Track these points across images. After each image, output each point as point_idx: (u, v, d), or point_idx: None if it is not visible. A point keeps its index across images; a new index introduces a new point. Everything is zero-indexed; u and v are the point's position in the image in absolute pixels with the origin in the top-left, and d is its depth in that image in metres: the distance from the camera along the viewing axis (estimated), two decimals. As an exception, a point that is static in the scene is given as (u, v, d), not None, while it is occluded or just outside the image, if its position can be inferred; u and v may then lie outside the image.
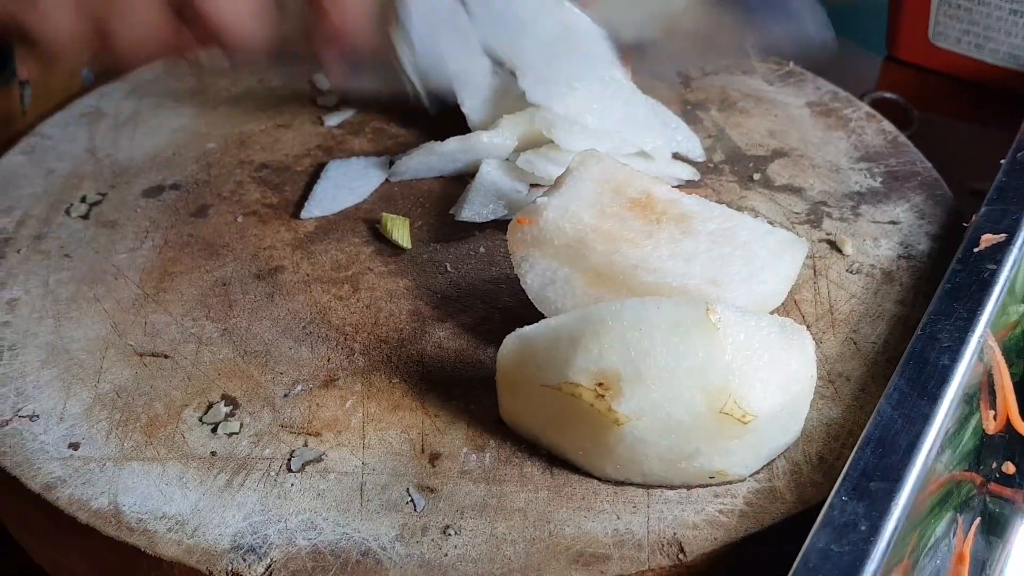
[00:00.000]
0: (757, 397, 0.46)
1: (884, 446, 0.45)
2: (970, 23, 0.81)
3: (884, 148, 0.70)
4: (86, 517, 0.48)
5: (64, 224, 0.65)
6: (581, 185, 0.55)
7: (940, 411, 0.46)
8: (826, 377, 0.54)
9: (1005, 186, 0.59)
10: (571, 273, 0.53)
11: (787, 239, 0.56)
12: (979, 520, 0.50)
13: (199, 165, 0.70)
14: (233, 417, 0.53)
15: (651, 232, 0.54)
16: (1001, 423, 0.52)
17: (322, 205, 0.65)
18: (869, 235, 0.63)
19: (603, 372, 0.46)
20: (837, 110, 0.74)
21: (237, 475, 0.50)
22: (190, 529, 0.47)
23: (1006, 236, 0.55)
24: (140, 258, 0.62)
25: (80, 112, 0.75)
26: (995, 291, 0.52)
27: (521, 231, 0.54)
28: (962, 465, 0.49)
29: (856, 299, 0.58)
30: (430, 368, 0.55)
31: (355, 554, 0.46)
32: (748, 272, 0.53)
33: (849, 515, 0.42)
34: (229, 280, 0.61)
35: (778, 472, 0.49)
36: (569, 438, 0.49)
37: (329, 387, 0.54)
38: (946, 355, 0.49)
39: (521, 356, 0.49)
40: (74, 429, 0.52)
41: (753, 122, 0.73)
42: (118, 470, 0.50)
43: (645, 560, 0.46)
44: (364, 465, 0.50)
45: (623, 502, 0.48)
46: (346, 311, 0.58)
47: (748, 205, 0.65)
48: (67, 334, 0.57)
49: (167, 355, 0.56)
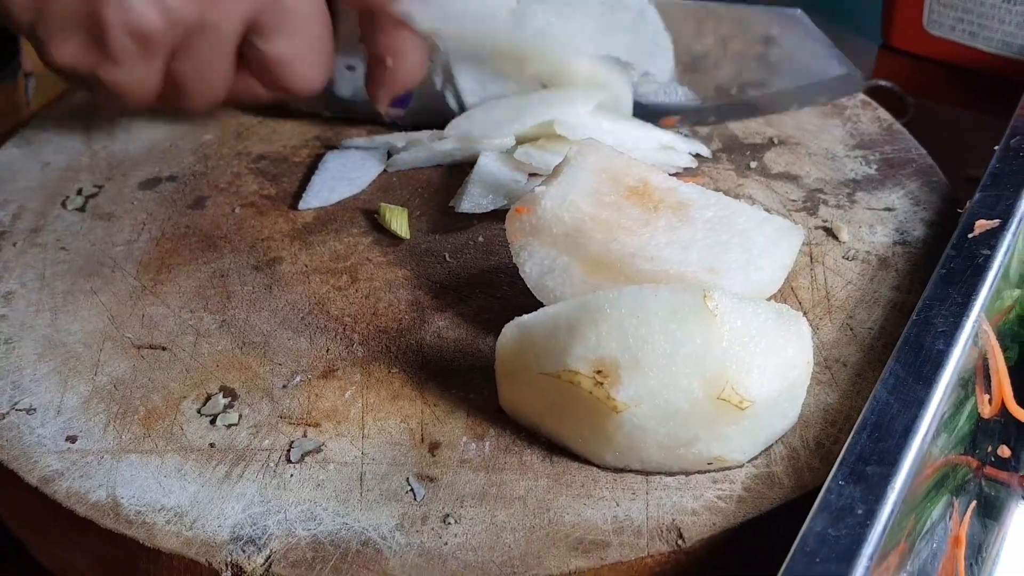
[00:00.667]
0: (754, 383, 0.46)
1: (880, 431, 0.45)
2: (964, 11, 0.81)
3: (879, 136, 0.70)
4: (84, 510, 0.48)
5: (60, 217, 0.65)
6: (579, 174, 0.55)
7: (935, 396, 0.46)
8: (823, 363, 0.54)
9: (999, 172, 0.59)
10: (569, 261, 0.53)
11: (784, 226, 0.56)
12: (975, 503, 0.50)
13: (196, 157, 0.70)
14: (232, 408, 0.53)
15: (648, 220, 0.54)
16: (996, 407, 0.52)
17: (320, 196, 0.65)
18: (865, 222, 0.63)
19: (601, 360, 0.46)
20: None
21: (236, 466, 0.50)
22: (189, 521, 0.48)
23: (1000, 222, 0.55)
24: (137, 250, 0.62)
25: (76, 105, 0.75)
26: (989, 276, 0.52)
27: (519, 220, 0.54)
28: (958, 449, 0.49)
29: (852, 285, 0.59)
30: (429, 358, 0.55)
31: (355, 544, 0.46)
32: (745, 259, 0.53)
33: (846, 499, 0.42)
34: (227, 272, 0.61)
35: (776, 458, 0.49)
36: (568, 426, 0.49)
37: (328, 377, 0.54)
38: (941, 340, 0.49)
39: (520, 345, 0.49)
40: (71, 422, 0.52)
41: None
42: (116, 463, 0.50)
43: (644, 546, 0.46)
44: (363, 455, 0.50)
45: (622, 489, 0.48)
46: (345, 301, 0.59)
47: (745, 193, 0.65)
48: (64, 327, 0.57)
49: (165, 347, 0.56)
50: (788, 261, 0.56)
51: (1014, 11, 0.78)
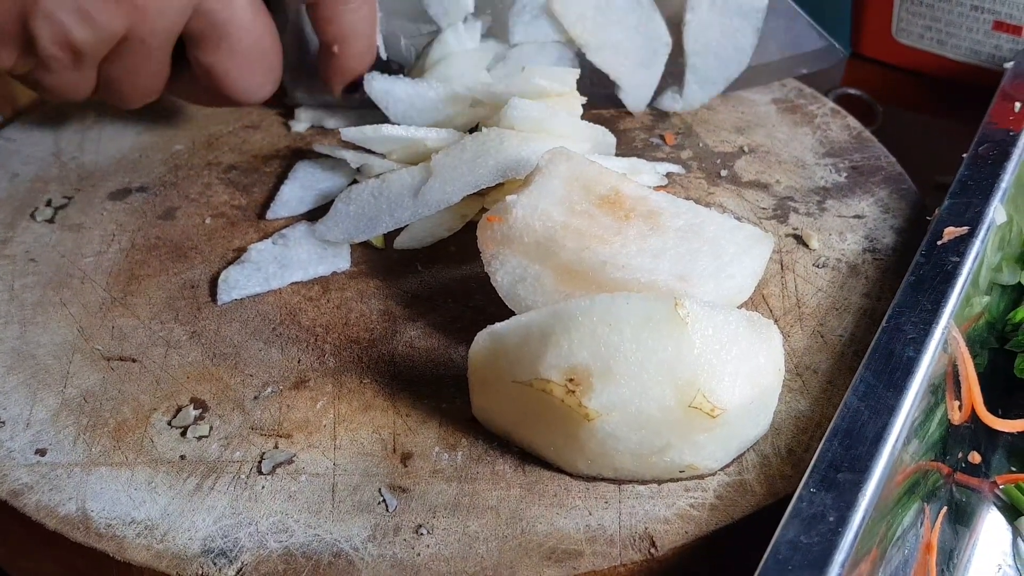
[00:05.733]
0: (726, 391, 0.46)
1: (851, 437, 0.45)
2: (932, 19, 0.82)
3: (849, 143, 0.71)
4: (54, 523, 0.48)
5: (29, 228, 0.65)
6: (550, 183, 0.55)
7: (906, 402, 0.47)
8: (794, 370, 0.54)
9: (968, 180, 0.60)
10: (541, 270, 0.53)
11: (754, 234, 0.56)
12: (946, 509, 0.50)
13: (166, 167, 0.69)
14: (202, 420, 0.52)
15: (620, 229, 0.54)
16: (967, 413, 0.53)
17: (289, 206, 0.65)
18: (835, 229, 0.63)
19: (573, 368, 0.46)
20: (802, 106, 0.74)
21: (207, 479, 0.50)
22: (159, 534, 0.47)
23: (968, 229, 0.56)
24: (107, 261, 0.62)
25: (45, 115, 0.74)
26: (958, 283, 0.53)
27: (491, 229, 0.54)
28: (929, 455, 0.49)
29: (823, 293, 0.59)
30: (401, 368, 0.55)
31: (327, 556, 0.46)
32: (715, 267, 0.54)
33: (818, 506, 0.42)
34: (198, 282, 0.60)
35: (748, 465, 0.50)
36: (541, 434, 0.49)
37: (300, 388, 0.54)
38: (911, 347, 0.49)
39: (493, 353, 0.49)
40: (41, 435, 0.52)
41: (720, 119, 0.73)
42: (86, 476, 0.50)
43: (617, 555, 0.46)
44: (335, 466, 0.50)
45: (595, 498, 0.48)
46: (316, 312, 0.58)
47: (716, 201, 0.65)
48: (33, 339, 0.57)
49: (135, 359, 0.56)
50: (758, 269, 0.56)
51: (982, 19, 0.79)
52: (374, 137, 0.64)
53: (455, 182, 0.59)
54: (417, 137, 0.63)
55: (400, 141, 0.64)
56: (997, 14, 0.78)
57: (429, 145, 0.63)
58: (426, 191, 0.60)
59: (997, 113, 0.65)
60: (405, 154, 0.64)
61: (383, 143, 0.64)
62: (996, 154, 0.61)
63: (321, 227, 0.62)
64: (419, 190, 0.60)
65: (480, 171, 0.59)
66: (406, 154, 0.64)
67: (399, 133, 0.64)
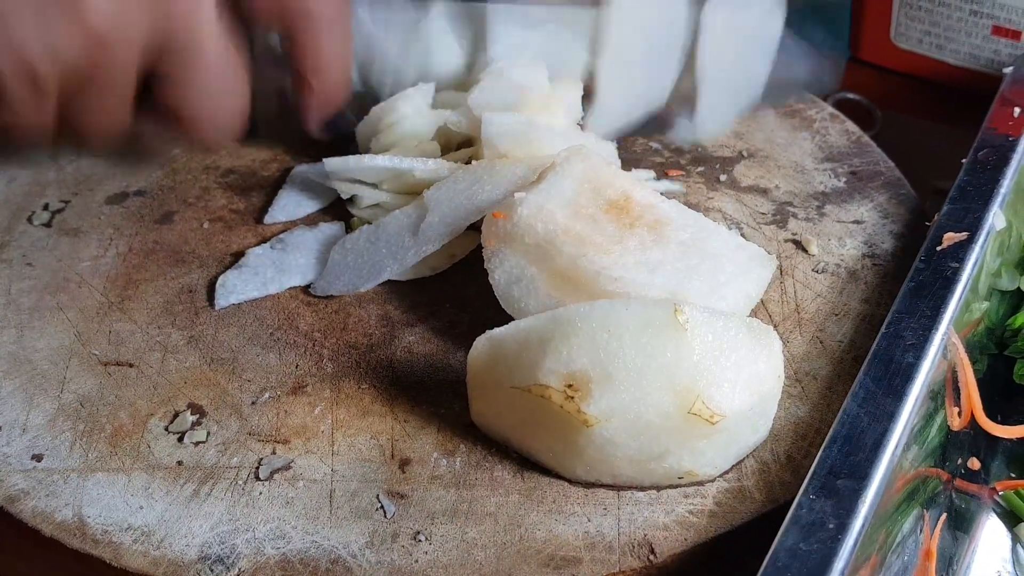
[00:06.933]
0: (725, 397, 0.46)
1: (851, 444, 0.45)
2: (931, 24, 0.81)
3: (848, 148, 0.71)
4: (50, 530, 0.48)
5: (26, 232, 0.64)
6: (561, 182, 0.55)
7: (905, 408, 0.47)
8: (793, 376, 0.54)
9: (967, 185, 0.60)
10: (537, 273, 0.53)
11: (757, 255, 0.56)
12: (945, 516, 0.50)
13: (164, 171, 0.69)
14: (200, 426, 0.52)
15: (621, 237, 0.54)
16: (966, 419, 0.53)
17: (286, 211, 0.65)
18: (834, 235, 0.63)
19: (572, 374, 0.46)
20: (802, 111, 0.74)
21: (204, 484, 0.49)
22: (156, 540, 0.47)
23: (968, 235, 0.56)
24: (104, 266, 0.62)
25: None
26: (958, 289, 0.53)
27: (496, 225, 0.54)
28: (928, 462, 0.49)
29: (822, 298, 0.59)
30: (400, 373, 0.55)
31: (324, 562, 0.46)
32: (709, 288, 0.53)
33: (817, 513, 0.42)
34: (195, 287, 0.60)
35: (747, 471, 0.49)
36: (539, 440, 0.49)
37: (297, 394, 0.54)
38: (911, 353, 0.49)
39: (491, 358, 0.49)
40: (37, 440, 0.52)
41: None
42: (82, 481, 0.50)
43: (616, 562, 0.46)
44: (333, 472, 0.50)
45: (593, 504, 0.48)
46: (314, 317, 0.58)
47: (715, 206, 0.65)
48: (29, 344, 0.57)
49: (132, 364, 0.55)
50: (755, 293, 0.55)
51: (980, 24, 0.79)
52: (357, 167, 0.62)
53: (454, 213, 0.58)
54: (403, 168, 0.62)
55: (386, 172, 0.62)
56: (996, 19, 0.78)
57: (417, 176, 0.61)
58: (426, 228, 0.58)
59: (996, 118, 0.65)
60: (396, 184, 0.63)
61: (368, 174, 0.63)
62: (995, 159, 0.61)
63: (321, 283, 0.59)
64: (417, 228, 0.58)
65: (480, 197, 0.58)
66: (397, 184, 0.63)
67: (384, 163, 0.62)
